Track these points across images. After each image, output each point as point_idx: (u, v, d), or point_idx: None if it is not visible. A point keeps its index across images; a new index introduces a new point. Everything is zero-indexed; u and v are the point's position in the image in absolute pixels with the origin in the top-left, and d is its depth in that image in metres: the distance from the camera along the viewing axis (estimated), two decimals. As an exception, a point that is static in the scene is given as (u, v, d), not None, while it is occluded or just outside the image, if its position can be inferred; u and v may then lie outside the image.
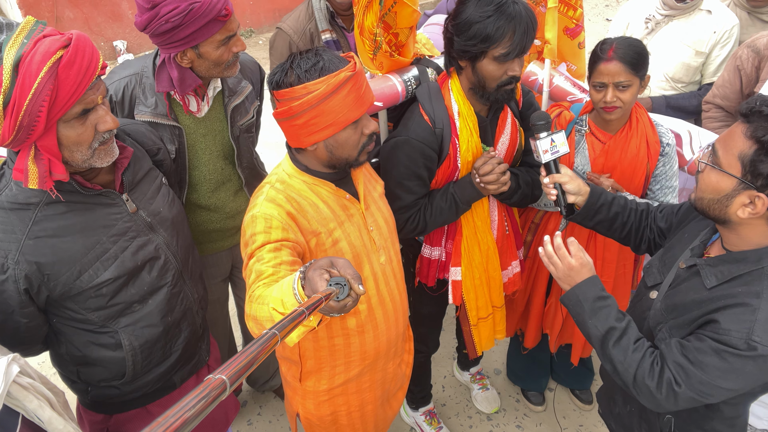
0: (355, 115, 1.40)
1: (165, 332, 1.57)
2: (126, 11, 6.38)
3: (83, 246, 1.37)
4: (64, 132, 1.25)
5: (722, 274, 1.31)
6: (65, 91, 1.19)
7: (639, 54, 1.83)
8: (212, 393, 0.57)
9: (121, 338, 1.49)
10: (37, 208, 1.32)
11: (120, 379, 1.54)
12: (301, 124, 1.38)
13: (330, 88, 1.33)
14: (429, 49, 1.99)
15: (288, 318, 0.80)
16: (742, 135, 1.22)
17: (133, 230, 1.46)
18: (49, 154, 1.25)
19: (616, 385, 1.63)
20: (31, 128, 1.19)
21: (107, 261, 1.41)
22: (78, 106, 1.24)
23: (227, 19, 1.64)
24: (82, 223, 1.37)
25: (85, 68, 1.22)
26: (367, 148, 1.48)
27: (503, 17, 1.58)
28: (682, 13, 2.59)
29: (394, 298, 1.65)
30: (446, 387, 2.88)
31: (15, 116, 1.16)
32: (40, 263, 1.33)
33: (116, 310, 1.46)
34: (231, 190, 2.08)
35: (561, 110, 2.09)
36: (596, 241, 2.12)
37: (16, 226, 1.31)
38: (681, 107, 2.63)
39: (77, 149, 1.29)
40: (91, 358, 1.50)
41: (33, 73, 1.15)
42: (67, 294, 1.39)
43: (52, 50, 1.17)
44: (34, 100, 1.15)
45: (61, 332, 1.48)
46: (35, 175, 1.24)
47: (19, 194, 1.31)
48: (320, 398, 1.67)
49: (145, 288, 1.50)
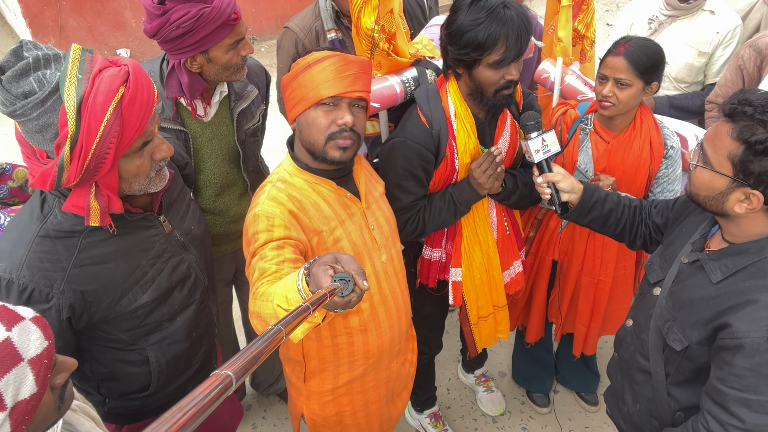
0: (324, 94, 1.39)
1: (189, 347, 1.56)
2: (129, 19, 6.42)
3: (125, 271, 1.35)
4: (125, 166, 1.23)
5: (726, 268, 1.30)
6: (130, 129, 1.17)
7: (650, 58, 1.81)
8: (218, 388, 0.57)
9: (148, 354, 1.48)
10: (82, 235, 1.29)
11: (143, 392, 1.53)
12: (287, 96, 1.47)
13: (308, 62, 1.41)
14: (430, 50, 1.99)
15: (293, 314, 0.80)
16: (728, 136, 1.22)
17: (168, 251, 1.45)
18: (109, 191, 1.22)
19: (624, 385, 1.62)
20: (97, 170, 1.16)
21: (146, 284, 1.39)
22: (139, 140, 1.22)
23: (236, 23, 1.66)
24: (125, 248, 1.35)
25: (146, 102, 1.19)
26: (337, 142, 1.44)
27: (495, 23, 1.56)
28: (685, 13, 2.59)
29: (396, 297, 1.65)
30: (451, 389, 2.87)
31: (83, 160, 1.12)
32: (85, 291, 1.30)
33: (147, 329, 1.44)
34: (236, 194, 2.08)
35: (567, 108, 2.10)
36: (595, 241, 2.12)
37: (62, 254, 1.27)
38: (684, 107, 2.63)
39: (135, 180, 1.28)
40: (117, 374, 1.48)
41: (98, 115, 1.11)
42: (106, 318, 1.36)
43: (114, 88, 1.13)
44: (101, 143, 1.12)
45: (87, 350, 1.45)
46: (97, 213, 1.22)
47: (65, 222, 1.27)
48: (325, 398, 1.67)
49: (176, 306, 1.49)
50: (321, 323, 1.11)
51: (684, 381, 1.43)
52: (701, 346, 1.34)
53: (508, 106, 1.85)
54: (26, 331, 0.87)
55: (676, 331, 1.38)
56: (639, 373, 1.54)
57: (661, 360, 1.46)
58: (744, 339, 1.21)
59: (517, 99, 1.93)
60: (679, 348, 1.37)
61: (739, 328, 1.22)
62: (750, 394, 1.21)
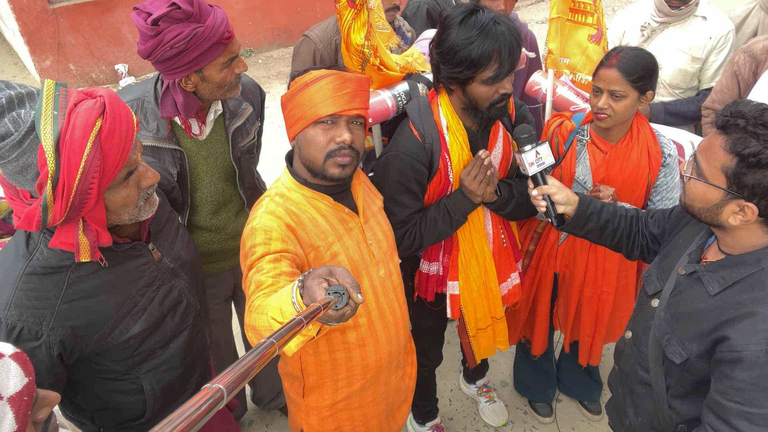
0: (322, 112, 1.41)
1: (184, 372, 1.54)
2: (126, 35, 6.46)
3: (115, 303, 1.33)
4: (111, 198, 1.21)
5: (724, 280, 1.30)
6: (111, 161, 1.14)
7: (643, 67, 1.81)
8: (209, 402, 0.56)
9: (142, 383, 1.45)
10: (70, 269, 1.26)
11: (137, 420, 1.51)
12: (286, 115, 1.49)
13: (306, 81, 1.42)
14: (421, 63, 2.00)
15: (286, 327, 0.79)
16: (722, 149, 1.22)
17: (158, 279, 1.43)
18: (97, 225, 1.20)
19: (626, 397, 1.61)
20: (82, 206, 1.14)
21: (137, 315, 1.37)
22: (123, 171, 1.20)
23: (229, 41, 1.67)
24: (114, 279, 1.32)
25: (125, 132, 1.16)
26: (336, 159, 1.45)
27: (487, 41, 1.56)
28: (677, 19, 2.60)
29: (394, 311, 1.65)
30: (453, 401, 2.85)
31: (66, 197, 1.10)
32: (75, 326, 1.27)
33: (140, 358, 1.42)
34: (232, 211, 2.09)
35: (562, 120, 2.09)
36: (596, 251, 2.11)
37: (50, 291, 1.24)
38: (680, 113, 2.63)
39: (124, 211, 1.26)
40: (111, 404, 1.46)
41: (77, 151, 1.08)
42: (97, 351, 1.34)
43: (91, 122, 1.10)
44: (83, 179, 1.10)
45: (80, 382, 1.42)
46: (87, 249, 1.20)
47: (51, 258, 1.24)
48: (324, 414, 1.67)
49: (168, 334, 1.46)
50: (315, 336, 1.10)
51: (685, 394, 1.42)
52: (701, 358, 1.33)
53: (501, 118, 1.86)
54: (5, 369, 0.85)
55: (675, 343, 1.38)
56: (639, 386, 1.54)
57: (661, 372, 1.45)
58: (743, 352, 1.20)
59: (509, 111, 1.93)
60: (678, 361, 1.37)
61: (737, 341, 1.22)
62: (750, 407, 1.20)
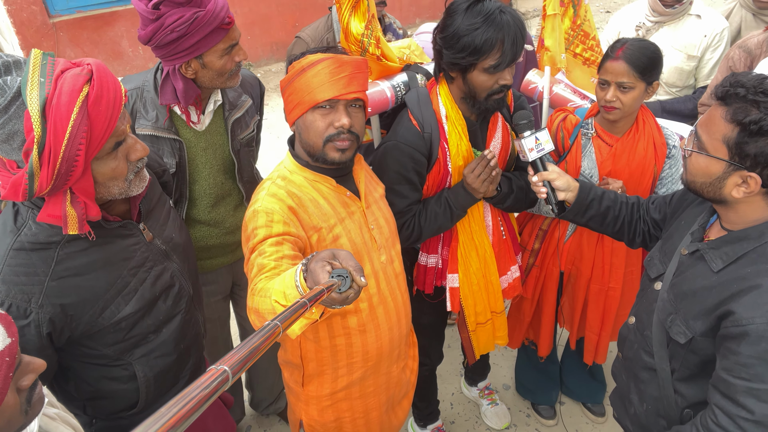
0: (320, 98, 1.40)
1: (177, 359, 1.52)
2: (126, 49, 6.52)
3: (106, 282, 1.31)
4: (99, 169, 1.19)
5: (727, 256, 1.28)
6: (99, 128, 1.12)
7: (649, 58, 1.81)
8: (215, 383, 0.57)
9: (135, 370, 1.42)
10: (59, 246, 1.24)
11: (131, 409, 1.48)
12: (284, 100, 1.48)
13: (303, 66, 1.41)
14: (418, 56, 2.01)
15: (290, 309, 0.79)
16: (722, 119, 1.21)
17: (150, 260, 1.41)
18: (85, 197, 1.18)
19: (630, 384, 1.58)
20: (69, 174, 1.12)
21: (128, 295, 1.35)
22: (111, 141, 1.18)
23: (230, 27, 1.67)
24: (104, 258, 1.30)
25: (113, 100, 1.15)
26: (336, 144, 1.44)
27: (491, 28, 1.57)
28: (672, 18, 2.63)
29: (395, 298, 1.63)
30: (454, 404, 2.81)
31: (53, 164, 1.08)
32: (65, 304, 1.25)
33: (132, 342, 1.40)
34: (231, 205, 2.07)
35: (566, 114, 2.09)
36: (603, 246, 2.09)
37: (39, 267, 1.22)
38: (677, 111, 2.65)
39: (114, 183, 1.24)
40: (103, 392, 1.43)
41: (64, 116, 1.07)
42: (88, 332, 1.31)
43: (78, 87, 1.09)
44: (70, 145, 1.08)
45: (71, 368, 1.39)
46: (75, 221, 1.17)
47: (40, 233, 1.22)
48: (323, 403, 1.64)
49: (160, 317, 1.44)
50: (319, 320, 1.09)
51: (690, 376, 1.39)
52: (705, 337, 1.31)
53: (500, 109, 1.86)
54: None
55: (679, 323, 1.36)
56: (644, 371, 1.51)
57: (665, 356, 1.42)
58: (748, 326, 1.18)
59: (508, 102, 1.93)
60: (683, 341, 1.34)
61: (742, 315, 1.20)
62: (758, 383, 1.17)
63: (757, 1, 2.65)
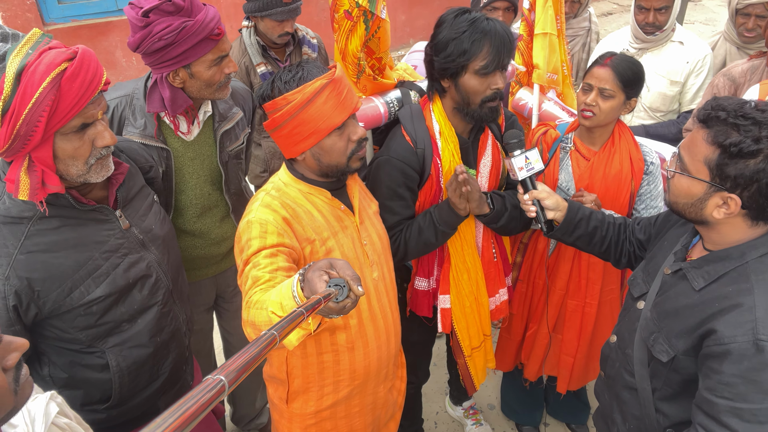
0: (337, 121, 1.41)
1: (154, 353, 1.52)
2: (120, 59, 6.52)
3: (75, 262, 1.34)
4: (61, 145, 1.24)
5: (708, 275, 1.30)
6: (66, 103, 1.18)
7: (634, 72, 1.88)
8: (211, 393, 0.57)
9: (108, 359, 1.44)
10: (30, 222, 1.30)
11: (105, 402, 1.48)
12: (286, 134, 1.43)
13: (306, 96, 1.38)
14: (410, 74, 2.04)
15: (287, 319, 0.79)
16: (704, 141, 1.24)
17: (125, 247, 1.44)
18: (43, 165, 1.23)
19: (612, 404, 1.58)
20: (27, 138, 1.17)
21: (99, 278, 1.38)
22: (77, 120, 1.23)
23: (219, 38, 1.67)
24: (75, 238, 1.35)
25: (89, 82, 1.21)
26: (357, 154, 1.49)
27: (477, 31, 1.63)
28: (654, 45, 2.70)
29: (386, 315, 1.62)
30: (438, 423, 2.78)
31: (12, 124, 1.14)
32: (32, 279, 1.29)
33: (105, 329, 1.42)
34: (217, 216, 2.06)
35: (547, 129, 2.12)
36: (580, 261, 2.10)
37: (8, 240, 1.28)
38: (660, 135, 2.69)
39: (73, 163, 1.28)
40: (76, 380, 1.45)
41: (35, 82, 1.14)
42: (57, 312, 1.35)
43: (57, 62, 1.16)
44: (33, 110, 1.14)
45: (45, 353, 1.42)
46: (26, 187, 1.22)
47: (13, 208, 1.28)
48: (307, 422, 1.61)
49: (135, 306, 1.47)
50: (315, 331, 1.09)
51: (672, 395, 1.40)
52: (687, 356, 1.32)
53: (494, 121, 1.86)
54: None
55: (661, 341, 1.37)
56: (625, 391, 1.52)
57: (646, 375, 1.43)
58: (730, 344, 1.19)
59: (499, 122, 1.95)
60: (665, 359, 1.35)
61: (724, 334, 1.21)
62: (741, 402, 1.18)
63: (742, 36, 2.72)
